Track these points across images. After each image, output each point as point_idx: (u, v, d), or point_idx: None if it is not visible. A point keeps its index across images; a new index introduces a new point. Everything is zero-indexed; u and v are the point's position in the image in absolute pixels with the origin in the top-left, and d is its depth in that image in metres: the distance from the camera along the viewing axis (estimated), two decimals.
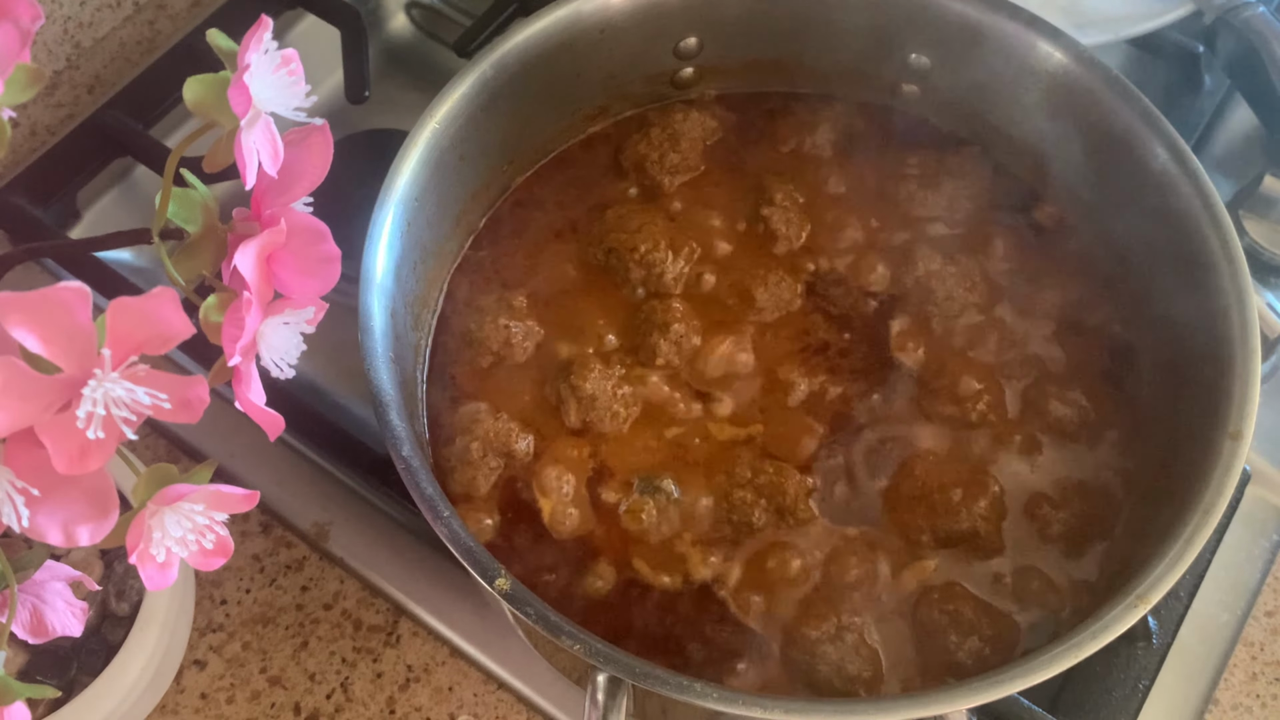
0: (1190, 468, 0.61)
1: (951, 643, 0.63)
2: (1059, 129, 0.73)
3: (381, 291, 0.64)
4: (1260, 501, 0.79)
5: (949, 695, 0.54)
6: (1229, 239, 0.64)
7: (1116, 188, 0.71)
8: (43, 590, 0.52)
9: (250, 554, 0.77)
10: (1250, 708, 0.74)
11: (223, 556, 0.45)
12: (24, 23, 0.41)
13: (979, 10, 0.72)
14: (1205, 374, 0.63)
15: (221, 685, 0.73)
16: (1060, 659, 0.54)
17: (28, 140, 0.92)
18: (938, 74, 0.77)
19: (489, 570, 0.56)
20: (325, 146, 0.45)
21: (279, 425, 0.46)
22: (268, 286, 0.44)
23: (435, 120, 0.68)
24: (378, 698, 0.72)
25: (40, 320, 0.37)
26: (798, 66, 0.80)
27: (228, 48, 0.42)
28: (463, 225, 0.75)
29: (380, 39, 0.99)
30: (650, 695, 0.54)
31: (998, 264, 0.75)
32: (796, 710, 0.53)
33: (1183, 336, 0.66)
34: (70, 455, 0.38)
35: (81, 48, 0.96)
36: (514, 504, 0.67)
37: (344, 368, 0.76)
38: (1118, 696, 0.70)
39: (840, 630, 0.63)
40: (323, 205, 0.46)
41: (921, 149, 0.78)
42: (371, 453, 0.76)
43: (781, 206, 0.75)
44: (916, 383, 0.71)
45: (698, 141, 0.79)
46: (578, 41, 0.73)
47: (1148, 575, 0.56)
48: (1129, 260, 0.72)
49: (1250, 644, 0.75)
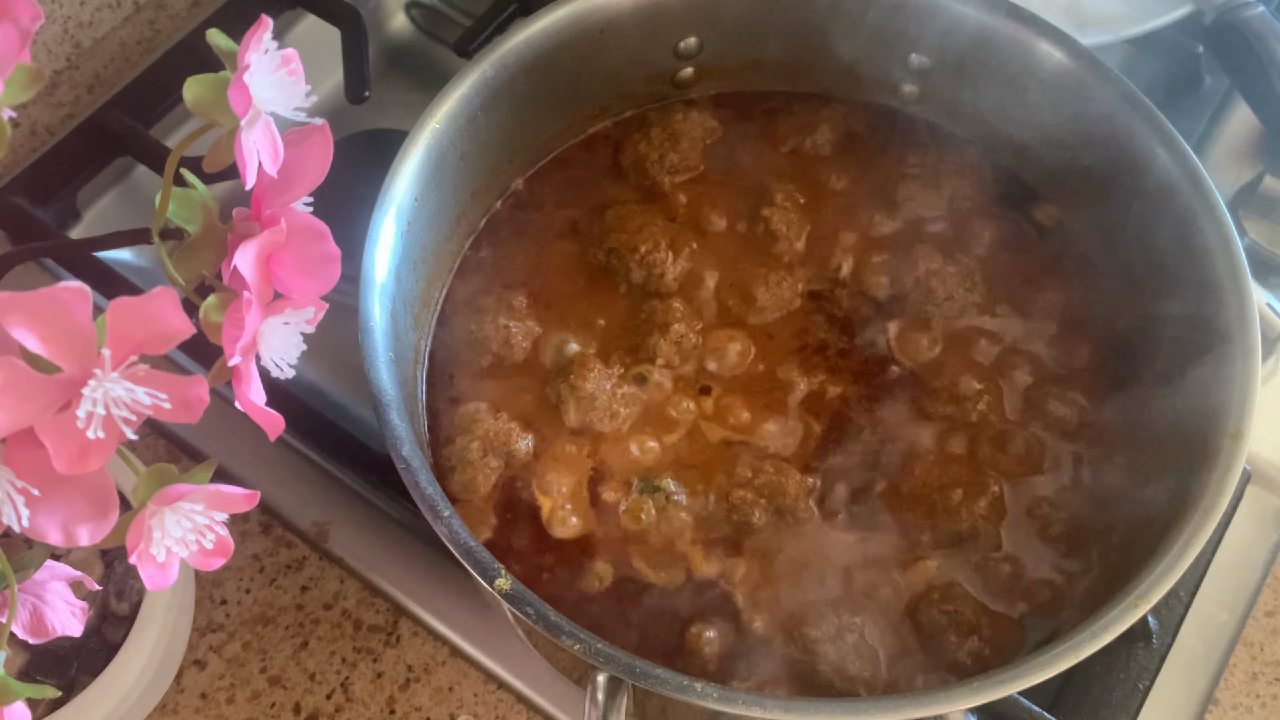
0: (1190, 468, 0.61)
1: (951, 643, 0.63)
2: (1059, 129, 0.73)
3: (382, 291, 0.64)
4: (1260, 501, 0.79)
5: (949, 695, 0.54)
6: (1229, 239, 0.64)
7: (1116, 188, 0.71)
8: (43, 590, 0.52)
9: (250, 554, 0.77)
10: (1250, 708, 0.74)
11: (223, 556, 0.45)
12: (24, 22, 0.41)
13: (979, 10, 0.72)
14: (1205, 374, 0.63)
15: (222, 685, 0.73)
16: (1060, 659, 0.54)
17: (28, 140, 0.92)
18: (938, 74, 0.77)
19: (489, 570, 0.56)
20: (325, 146, 0.45)
21: (279, 425, 0.45)
22: (268, 286, 0.44)
23: (435, 120, 0.68)
24: (378, 698, 0.72)
25: (40, 320, 0.36)
26: (797, 66, 0.80)
27: (228, 48, 0.42)
28: (463, 225, 0.75)
29: (380, 39, 0.99)
30: (650, 695, 0.54)
31: (998, 264, 0.75)
32: (796, 710, 0.53)
33: (1183, 336, 0.66)
34: (70, 455, 0.38)
35: (81, 47, 0.96)
36: (514, 504, 0.67)
37: (344, 367, 0.76)
38: (1118, 696, 0.70)
39: (840, 630, 0.63)
40: (323, 205, 0.46)
41: (921, 149, 0.78)
42: (371, 453, 0.76)
43: (782, 207, 0.75)
44: (916, 383, 0.71)
45: (697, 141, 0.78)
46: (578, 41, 0.73)
47: (1148, 575, 0.56)
48: (1129, 260, 0.72)
49: (1250, 644, 0.75)
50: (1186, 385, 0.65)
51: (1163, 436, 0.66)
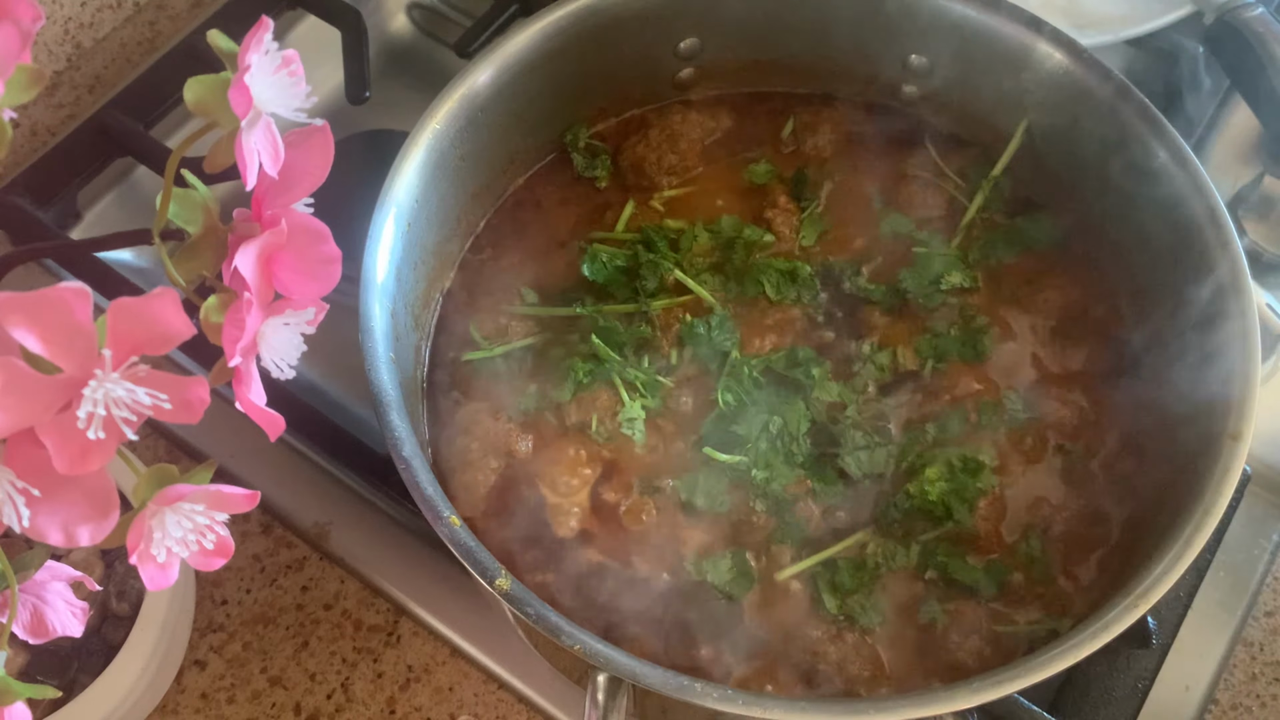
0: (1190, 468, 0.61)
1: (951, 643, 0.63)
2: (1059, 129, 0.73)
3: (382, 292, 0.64)
4: (1260, 501, 0.79)
5: (949, 695, 0.54)
6: (1229, 239, 0.64)
7: (1117, 188, 0.71)
8: (43, 590, 0.52)
9: (251, 554, 0.77)
10: (1250, 708, 0.74)
11: (223, 557, 0.45)
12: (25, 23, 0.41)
13: (979, 11, 0.72)
14: (1205, 374, 0.63)
15: (222, 685, 0.73)
16: (1060, 659, 0.54)
17: (28, 141, 0.92)
18: (938, 74, 0.77)
19: (489, 570, 0.56)
20: (326, 147, 0.45)
21: (279, 425, 0.46)
22: (268, 287, 0.44)
23: (436, 121, 0.68)
24: (378, 697, 0.72)
25: (41, 320, 0.37)
26: (798, 66, 0.80)
27: (228, 48, 0.42)
28: (463, 226, 0.75)
29: (381, 40, 0.99)
30: (650, 695, 0.54)
31: (998, 264, 0.75)
32: (796, 710, 0.53)
33: (1183, 336, 0.66)
34: (71, 455, 0.38)
35: (82, 48, 0.96)
36: (514, 504, 0.67)
37: (344, 368, 0.76)
38: (1118, 696, 0.70)
39: (840, 630, 0.64)
40: (323, 206, 0.46)
41: (921, 149, 0.78)
42: (372, 453, 0.76)
43: (784, 209, 0.75)
44: (916, 383, 0.71)
45: (696, 143, 0.79)
46: (578, 42, 0.73)
47: (1148, 575, 0.56)
48: (1129, 260, 0.72)
49: (1250, 644, 0.75)
50: (1186, 385, 0.65)
51: (1162, 437, 0.66)
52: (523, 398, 0.70)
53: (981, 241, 0.75)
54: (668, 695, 0.53)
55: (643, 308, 0.71)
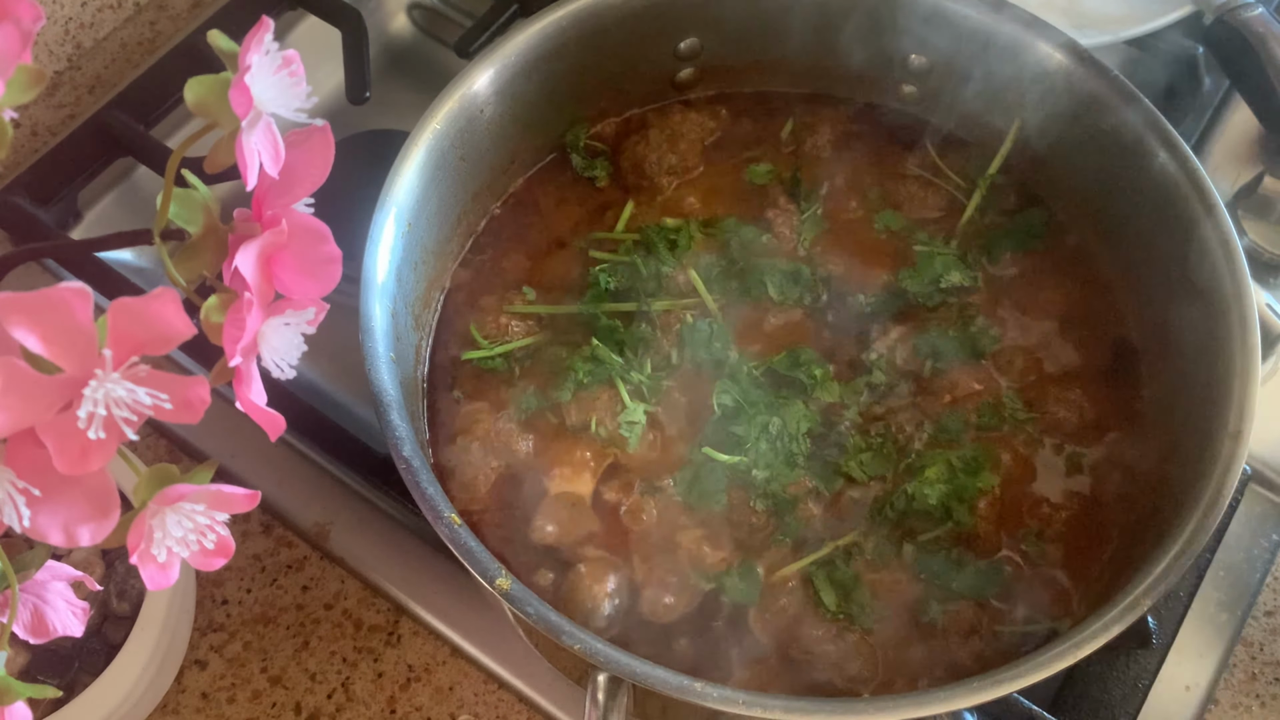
0: (1190, 467, 0.61)
1: (952, 643, 0.63)
2: (1059, 129, 0.73)
3: (383, 292, 0.64)
4: (1260, 501, 0.79)
5: (949, 695, 0.54)
6: (1229, 239, 0.64)
7: (1117, 188, 0.71)
8: (44, 590, 0.53)
9: (251, 554, 0.77)
10: (1250, 708, 0.74)
11: (223, 556, 0.45)
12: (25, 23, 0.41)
13: (979, 11, 0.72)
14: (1205, 374, 0.63)
15: (222, 685, 0.73)
16: (1060, 659, 0.54)
17: (29, 141, 0.92)
18: (937, 74, 0.77)
19: (489, 570, 0.56)
20: (326, 147, 0.45)
21: (280, 425, 0.46)
22: (269, 287, 0.44)
23: (436, 121, 0.68)
24: (378, 697, 0.72)
25: (41, 320, 0.37)
26: (798, 66, 0.80)
27: (229, 49, 0.42)
28: (463, 226, 0.75)
29: (381, 40, 0.99)
30: (650, 695, 0.55)
31: (998, 264, 0.75)
32: (796, 710, 0.53)
33: (1183, 336, 0.66)
34: (71, 455, 0.38)
35: (83, 48, 0.96)
36: (514, 504, 0.67)
37: (345, 368, 0.76)
38: (1118, 696, 0.70)
39: (840, 630, 0.64)
40: (324, 206, 0.46)
41: (921, 149, 0.78)
42: (372, 453, 0.76)
43: (784, 209, 0.75)
44: (916, 383, 0.71)
45: (696, 143, 0.79)
46: (578, 43, 0.73)
47: (1148, 575, 0.56)
48: (1129, 260, 0.72)
49: (1250, 644, 0.75)
50: (1186, 385, 0.65)
51: (1162, 436, 0.66)
52: (523, 397, 0.70)
53: (981, 241, 0.75)
54: (668, 695, 0.53)
55: (643, 308, 0.71)
